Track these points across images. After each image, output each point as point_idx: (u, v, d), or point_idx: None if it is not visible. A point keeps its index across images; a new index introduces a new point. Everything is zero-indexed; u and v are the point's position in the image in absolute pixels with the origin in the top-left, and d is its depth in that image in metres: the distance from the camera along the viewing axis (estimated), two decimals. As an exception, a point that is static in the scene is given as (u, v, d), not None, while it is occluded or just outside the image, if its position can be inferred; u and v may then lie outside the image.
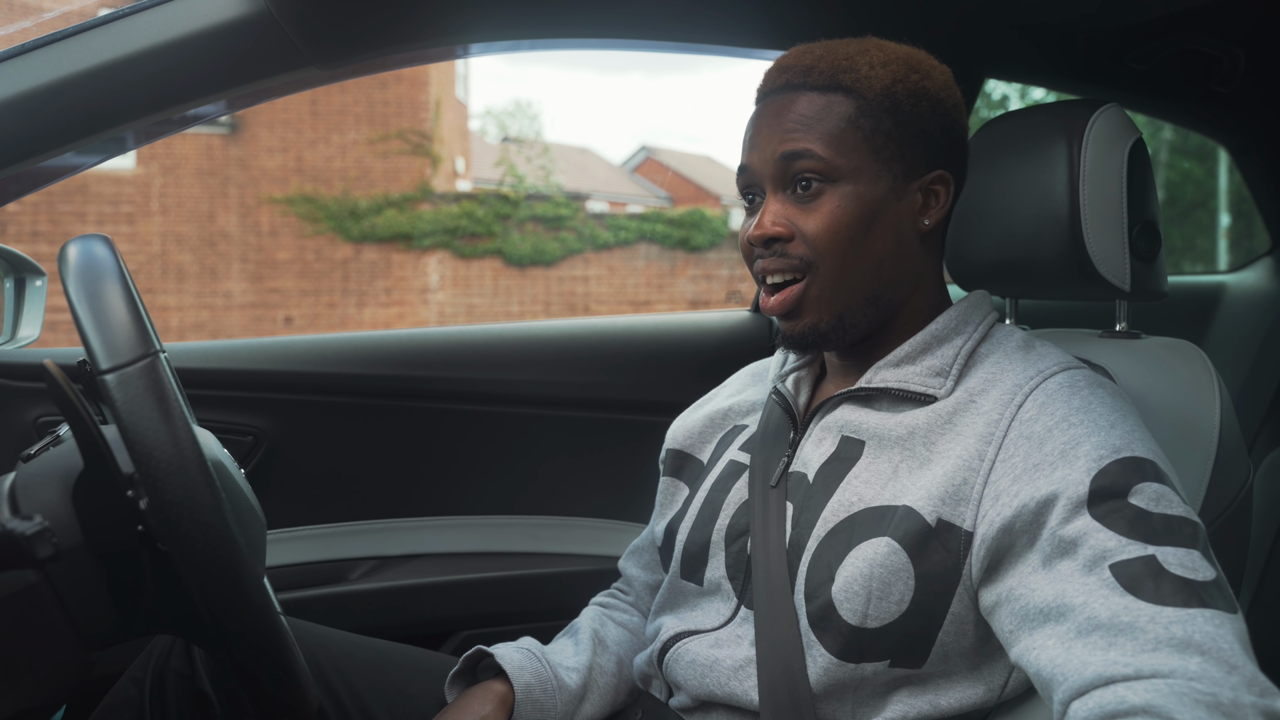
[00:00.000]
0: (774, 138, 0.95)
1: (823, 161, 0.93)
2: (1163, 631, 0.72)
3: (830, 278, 0.94)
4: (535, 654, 1.06)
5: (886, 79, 0.95)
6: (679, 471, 1.15)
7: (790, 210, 0.95)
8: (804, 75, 0.96)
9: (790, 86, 0.97)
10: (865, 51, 0.97)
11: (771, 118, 0.96)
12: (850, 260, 0.94)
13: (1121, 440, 0.84)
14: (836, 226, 0.93)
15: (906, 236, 0.97)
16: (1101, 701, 0.71)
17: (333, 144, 10.01)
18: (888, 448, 0.93)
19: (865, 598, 0.87)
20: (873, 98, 0.95)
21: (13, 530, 0.72)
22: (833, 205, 0.93)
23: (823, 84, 0.95)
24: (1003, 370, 0.93)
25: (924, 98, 0.97)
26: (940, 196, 0.98)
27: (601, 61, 31.11)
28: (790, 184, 0.95)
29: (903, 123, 0.95)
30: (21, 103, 1.15)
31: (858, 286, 0.95)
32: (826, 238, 0.93)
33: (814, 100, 0.95)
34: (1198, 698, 0.69)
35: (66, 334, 1.08)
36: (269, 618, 0.79)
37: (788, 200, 0.95)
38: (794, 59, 0.98)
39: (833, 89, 0.95)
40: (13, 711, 0.78)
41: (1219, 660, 0.71)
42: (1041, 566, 0.81)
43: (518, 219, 10.74)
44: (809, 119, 0.94)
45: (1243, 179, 2.34)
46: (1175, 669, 0.71)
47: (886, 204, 0.95)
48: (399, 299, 10.04)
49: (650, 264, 11.17)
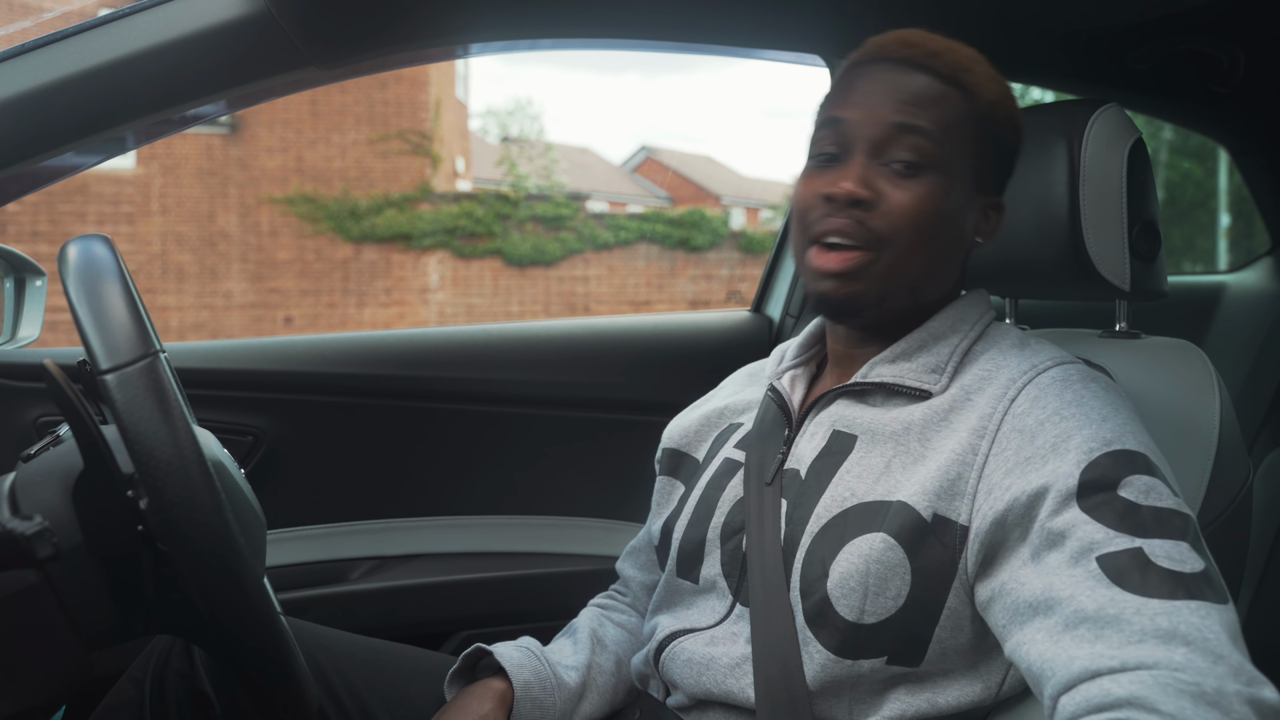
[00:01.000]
0: (889, 103, 0.94)
1: (933, 144, 0.93)
2: (1148, 623, 0.73)
3: (896, 258, 0.94)
4: (534, 652, 1.06)
5: (996, 94, 0.97)
6: (675, 470, 1.15)
7: (878, 179, 0.94)
8: (929, 58, 0.96)
9: (913, 62, 0.96)
10: (979, 59, 0.98)
11: (888, 84, 0.95)
12: (919, 247, 0.94)
13: (1113, 433, 0.84)
14: (923, 211, 0.93)
15: (964, 245, 0.99)
16: (1088, 695, 0.71)
17: (333, 144, 10.02)
18: (881, 442, 0.93)
19: (862, 593, 0.87)
20: (982, 107, 0.96)
21: (13, 530, 0.72)
22: (924, 190, 0.93)
23: (945, 74, 0.95)
24: (998, 366, 0.93)
25: (1013, 126, 1.00)
26: (992, 220, 1.01)
27: (599, 62, 31.15)
28: (885, 154, 0.94)
29: (996, 140, 0.98)
30: (21, 103, 1.15)
31: (912, 274, 0.96)
32: (909, 219, 0.93)
33: (933, 85, 0.95)
34: (1182, 688, 0.69)
35: (66, 334, 1.08)
36: (269, 618, 0.79)
37: (878, 169, 0.94)
38: (919, 39, 0.97)
39: (952, 83, 0.95)
40: (13, 711, 0.78)
41: (1204, 650, 0.71)
42: (1031, 559, 0.81)
43: (518, 219, 10.74)
44: (929, 100, 0.94)
45: (1243, 179, 2.34)
46: (1160, 660, 0.71)
47: (962, 208, 0.97)
48: (399, 299, 10.04)
49: (650, 264, 11.17)
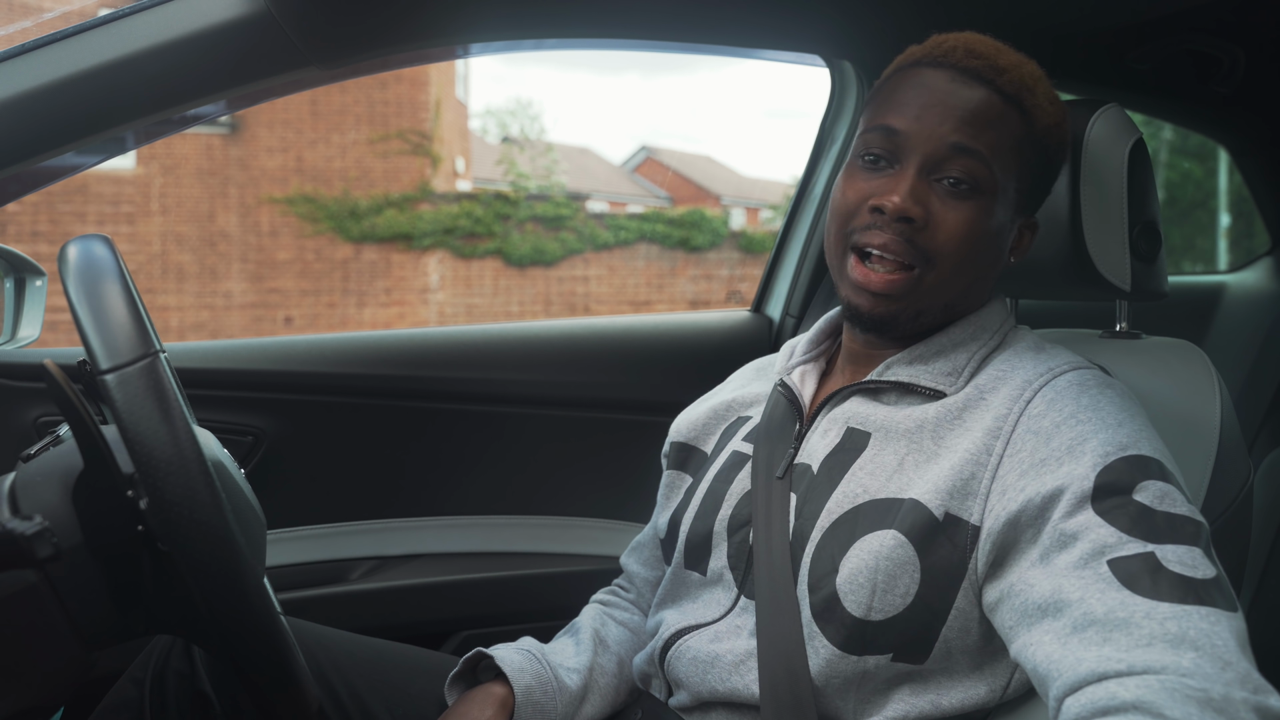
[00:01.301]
0: (949, 120, 0.92)
1: (987, 169, 0.92)
2: (1157, 627, 0.72)
3: (938, 279, 0.94)
4: (535, 655, 1.06)
5: (1054, 118, 0.96)
6: (683, 464, 1.15)
7: (929, 197, 0.93)
8: (995, 74, 0.94)
9: (978, 76, 0.93)
10: (1042, 79, 0.97)
11: (949, 95, 0.93)
12: (962, 269, 0.94)
13: (1128, 438, 0.84)
14: (970, 234, 0.93)
15: (1000, 265, 0.99)
16: (1094, 697, 0.71)
17: (333, 144, 10.01)
18: (894, 440, 0.93)
19: (870, 590, 0.87)
20: (1039, 130, 0.95)
21: (13, 530, 0.72)
22: (974, 214, 0.93)
23: (1009, 92, 0.94)
24: (1013, 368, 0.94)
25: (1062, 149, 0.99)
26: (1025, 240, 1.01)
27: (598, 62, 31.10)
28: (940, 171, 0.93)
29: (1045, 163, 0.98)
30: (21, 103, 1.15)
31: (950, 292, 0.96)
32: (956, 242, 0.93)
33: (995, 105, 0.93)
34: (1189, 694, 0.69)
35: (66, 334, 1.08)
36: (269, 618, 0.79)
37: (929, 185, 0.93)
38: (988, 50, 0.95)
39: (1014, 103, 0.94)
40: (13, 711, 0.78)
41: (1213, 657, 0.71)
42: (1040, 561, 0.81)
43: (518, 219, 10.73)
44: (990, 121, 0.92)
45: (1243, 179, 2.34)
46: (1168, 665, 0.71)
47: (1005, 229, 0.97)
48: (399, 299, 10.04)
49: (650, 264, 11.17)
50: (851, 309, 0.97)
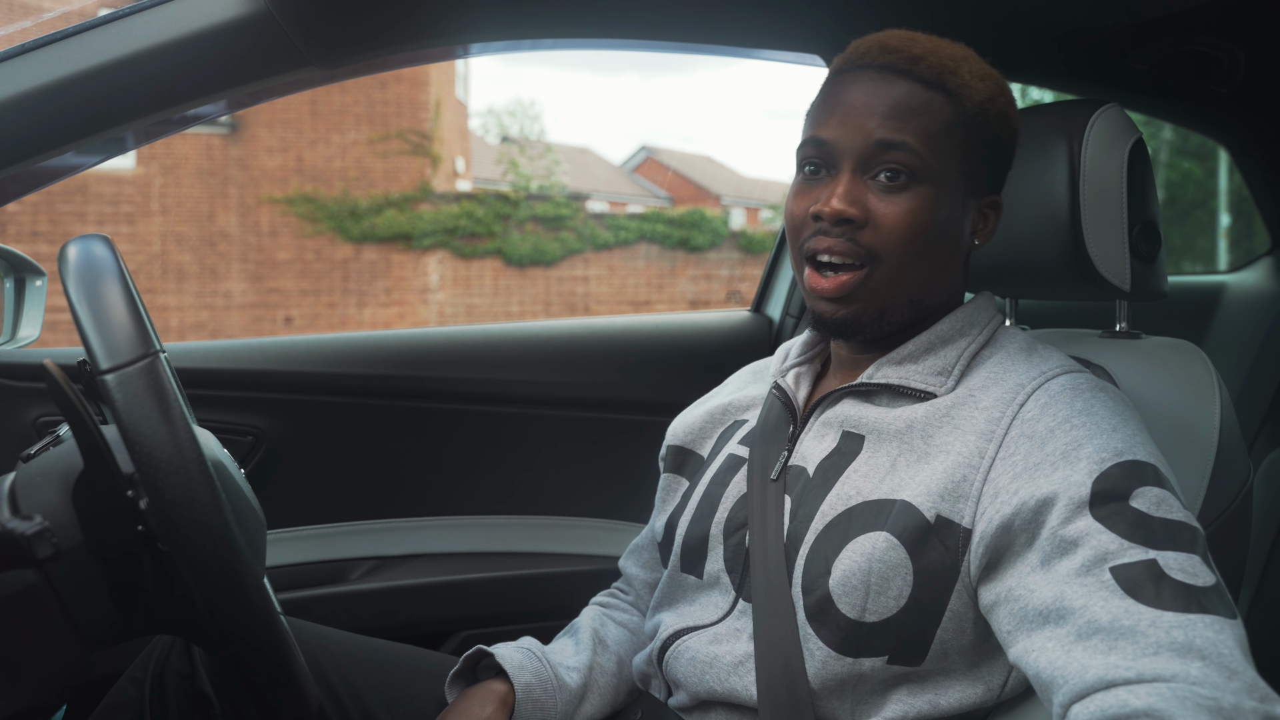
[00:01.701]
0: (872, 118, 0.93)
1: (919, 158, 0.92)
2: (1164, 636, 0.72)
3: (890, 273, 0.94)
4: (535, 653, 1.06)
5: (984, 94, 0.95)
6: (679, 467, 1.15)
7: (866, 195, 0.93)
8: (911, 63, 0.94)
9: (894, 69, 0.94)
10: (966, 59, 0.96)
11: (869, 96, 0.93)
12: (913, 260, 0.94)
13: (1123, 444, 0.84)
14: (914, 225, 0.92)
15: (961, 250, 0.98)
16: (1103, 705, 0.71)
17: (333, 144, 10.01)
18: (886, 441, 0.93)
19: (864, 591, 0.87)
20: (970, 109, 0.94)
21: (13, 530, 0.72)
22: (914, 203, 0.92)
23: (928, 79, 0.93)
24: (1005, 370, 0.93)
25: (1006, 123, 0.98)
26: (990, 220, 1.00)
27: (597, 62, 31.10)
28: (873, 169, 0.93)
29: (987, 141, 0.96)
30: (21, 103, 1.15)
31: (909, 287, 0.95)
32: (900, 233, 0.92)
33: (916, 93, 0.93)
34: (1200, 702, 0.69)
35: (66, 334, 1.08)
36: (269, 618, 0.79)
37: (865, 184, 0.94)
38: (901, 43, 0.96)
39: (936, 88, 0.93)
40: (13, 711, 0.78)
41: (1220, 666, 0.71)
42: (1040, 566, 0.80)
43: (518, 219, 10.73)
44: (912, 110, 0.92)
45: (1243, 179, 2.34)
46: (1177, 673, 0.71)
47: (956, 215, 0.96)
48: (399, 299, 10.04)
49: (650, 264, 11.17)
50: (816, 317, 0.98)
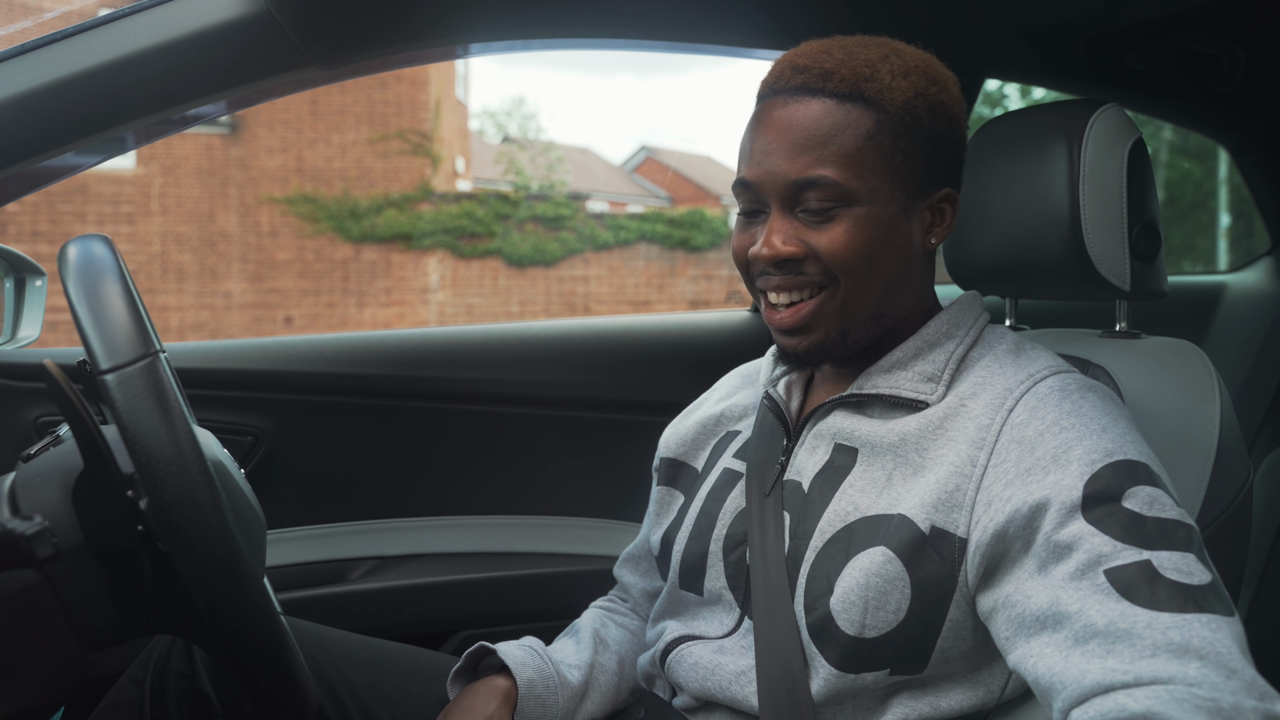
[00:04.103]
0: (785, 157, 0.90)
1: (839, 187, 0.89)
2: (1160, 637, 0.72)
3: (844, 297, 0.92)
4: (537, 651, 1.06)
5: (909, 91, 0.91)
6: (673, 480, 1.14)
7: (800, 229, 0.91)
8: (823, 80, 0.90)
9: (806, 90, 0.90)
10: (886, 58, 0.92)
11: (783, 129, 0.90)
12: (866, 279, 0.92)
13: (1113, 444, 0.83)
14: (853, 248, 0.90)
15: (914, 255, 0.95)
16: (1102, 709, 0.71)
17: (333, 144, 10.01)
18: (881, 455, 0.92)
19: (862, 608, 0.86)
20: (894, 112, 0.90)
21: (13, 530, 0.72)
22: (847, 227, 0.90)
23: (843, 92, 0.90)
24: (993, 374, 0.92)
25: (942, 113, 0.93)
26: (946, 215, 0.96)
27: (592, 62, 31.04)
28: (799, 205, 0.91)
29: (921, 139, 0.92)
30: (21, 103, 1.15)
31: (867, 304, 0.93)
32: (842, 260, 0.90)
33: (831, 111, 0.89)
34: (1198, 703, 0.68)
35: (66, 334, 1.08)
36: (269, 618, 0.79)
37: (796, 220, 0.91)
38: (812, 59, 0.92)
39: (853, 99, 0.89)
40: (13, 711, 0.78)
41: (1218, 665, 0.71)
42: (1037, 572, 0.80)
43: (518, 219, 10.73)
44: (825, 135, 0.89)
45: (1243, 179, 2.34)
46: (1175, 675, 0.70)
47: (899, 223, 0.92)
48: (399, 299, 10.04)
49: (650, 264, 11.17)
50: (780, 351, 0.97)
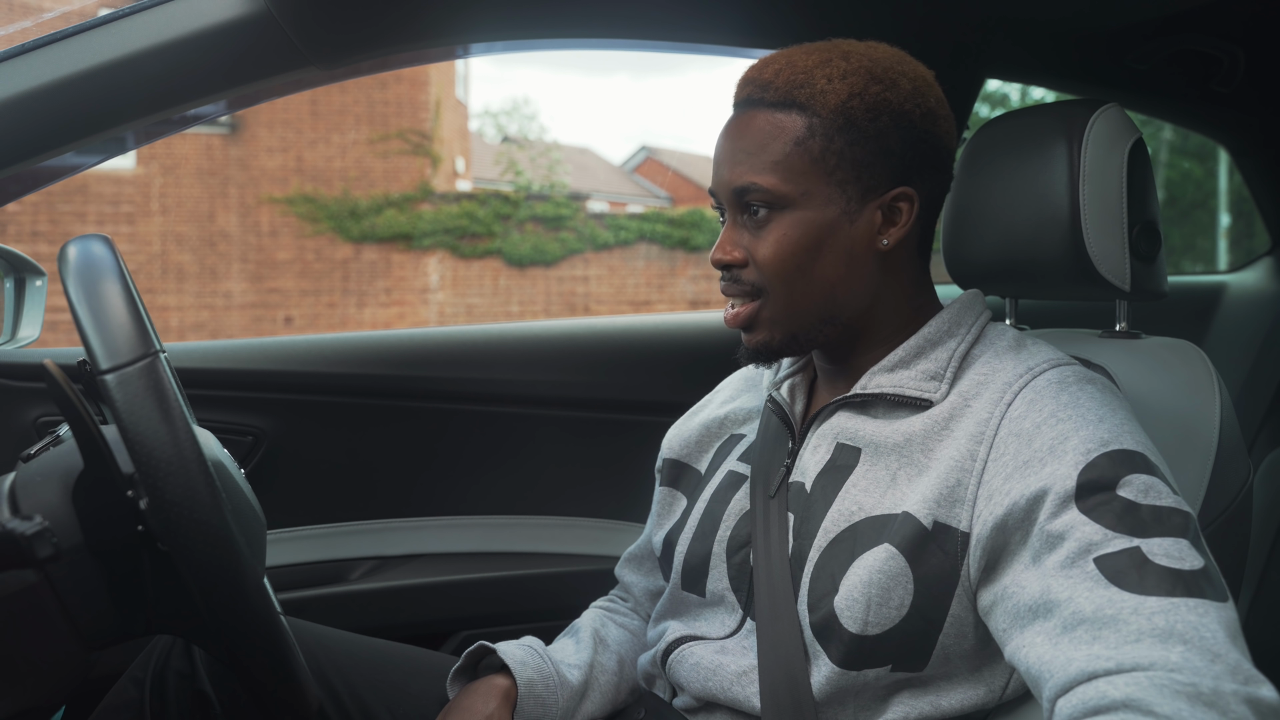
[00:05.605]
0: (728, 167, 0.95)
1: (768, 193, 0.93)
2: (1145, 623, 0.72)
3: (780, 302, 0.95)
4: (537, 650, 1.06)
5: (843, 93, 0.91)
6: (676, 481, 1.14)
7: (744, 236, 0.96)
8: (761, 90, 0.94)
9: (750, 102, 0.95)
10: (826, 62, 0.93)
11: (729, 140, 0.96)
12: (798, 285, 0.94)
13: (1110, 434, 0.83)
14: (782, 254, 0.93)
15: (861, 258, 0.95)
16: (1084, 697, 0.71)
17: (333, 144, 10.01)
18: (885, 455, 0.93)
19: (865, 605, 0.87)
20: (826, 115, 0.92)
21: (13, 530, 0.72)
22: (780, 233, 0.93)
23: (777, 100, 0.93)
24: (994, 370, 0.93)
25: (884, 111, 0.92)
26: (903, 214, 0.95)
27: (589, 63, 30.98)
28: (745, 211, 0.95)
29: (858, 140, 0.92)
30: (21, 103, 1.15)
31: (809, 309, 0.95)
32: (773, 265, 0.94)
33: (767, 120, 0.93)
34: (1178, 689, 0.68)
35: (66, 334, 1.08)
36: (269, 618, 0.79)
37: (743, 226, 0.96)
38: (755, 71, 0.97)
39: (787, 106, 0.93)
40: (13, 711, 0.78)
41: (1201, 649, 0.71)
42: (1031, 563, 0.81)
43: (518, 219, 10.73)
44: (758, 145, 0.93)
45: (1243, 179, 2.34)
46: (1156, 660, 0.70)
47: (837, 226, 0.93)
48: (399, 299, 10.03)
49: (650, 264, 11.16)
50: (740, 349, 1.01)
